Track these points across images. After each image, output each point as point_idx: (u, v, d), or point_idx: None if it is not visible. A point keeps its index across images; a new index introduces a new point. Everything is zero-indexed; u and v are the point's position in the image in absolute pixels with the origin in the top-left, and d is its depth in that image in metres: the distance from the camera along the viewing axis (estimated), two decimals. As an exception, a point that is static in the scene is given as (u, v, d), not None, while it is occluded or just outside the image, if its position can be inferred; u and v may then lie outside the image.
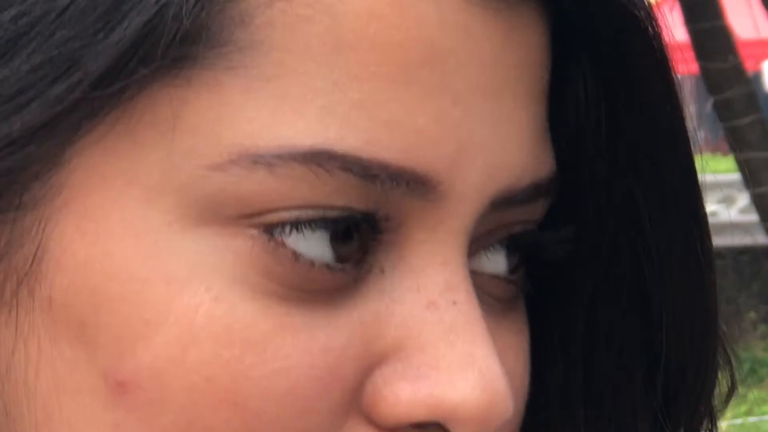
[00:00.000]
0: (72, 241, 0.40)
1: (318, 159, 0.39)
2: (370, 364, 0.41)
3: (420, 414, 0.40)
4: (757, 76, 11.36)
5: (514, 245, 0.45)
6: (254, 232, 0.40)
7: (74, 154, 0.40)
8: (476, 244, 0.43)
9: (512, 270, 0.45)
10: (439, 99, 0.40)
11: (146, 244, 0.40)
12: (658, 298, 0.48)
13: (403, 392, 0.40)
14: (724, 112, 5.24)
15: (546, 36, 0.44)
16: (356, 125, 0.39)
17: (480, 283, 0.44)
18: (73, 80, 0.38)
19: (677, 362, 0.48)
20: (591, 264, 0.48)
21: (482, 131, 0.41)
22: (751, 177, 5.52)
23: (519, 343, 0.45)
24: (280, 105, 0.39)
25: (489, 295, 0.44)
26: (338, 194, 0.39)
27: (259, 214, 0.39)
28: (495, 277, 0.45)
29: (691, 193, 0.47)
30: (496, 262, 0.45)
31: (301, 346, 0.40)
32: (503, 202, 0.42)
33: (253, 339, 0.39)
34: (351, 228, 0.41)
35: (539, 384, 0.48)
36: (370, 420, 0.41)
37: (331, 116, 0.39)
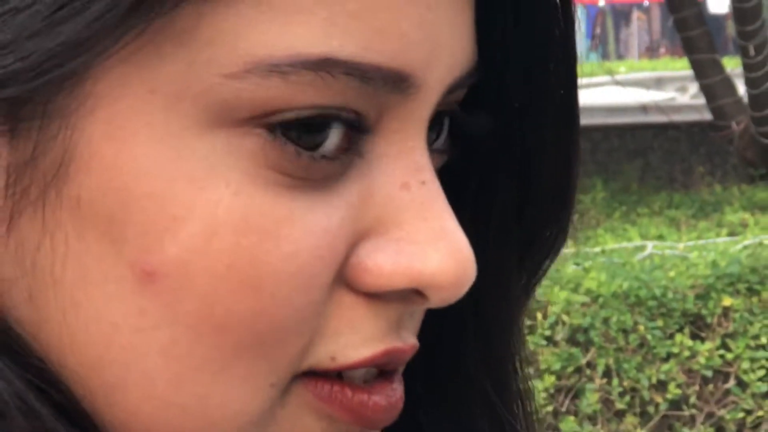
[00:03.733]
0: (99, 146, 0.42)
1: (326, 66, 0.42)
2: (356, 240, 0.45)
3: (400, 282, 0.45)
4: (704, 2, 13.09)
5: (440, 122, 0.50)
6: (262, 131, 0.43)
7: (100, 68, 0.42)
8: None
9: (443, 144, 0.51)
10: (418, 6, 0.45)
11: (169, 146, 0.43)
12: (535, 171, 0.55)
13: (385, 264, 0.45)
14: (681, 26, 7.59)
15: None
16: (354, 34, 0.43)
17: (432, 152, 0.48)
18: (110, 2, 0.41)
19: (539, 216, 0.56)
20: (488, 144, 0.55)
21: (447, 32, 0.46)
22: (699, 72, 7.78)
23: None
24: (289, 18, 0.42)
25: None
26: (339, 96, 0.43)
27: (268, 115, 0.43)
28: (434, 151, 0.49)
29: (570, 92, 0.53)
30: (434, 136, 0.50)
31: (306, 229, 0.43)
32: (450, 90, 0.48)
33: (267, 227, 0.43)
34: (344, 124, 0.44)
35: None
36: (353, 289, 0.46)
37: (333, 27, 0.43)
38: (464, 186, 0.56)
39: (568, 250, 5.23)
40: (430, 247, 0.45)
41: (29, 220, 0.44)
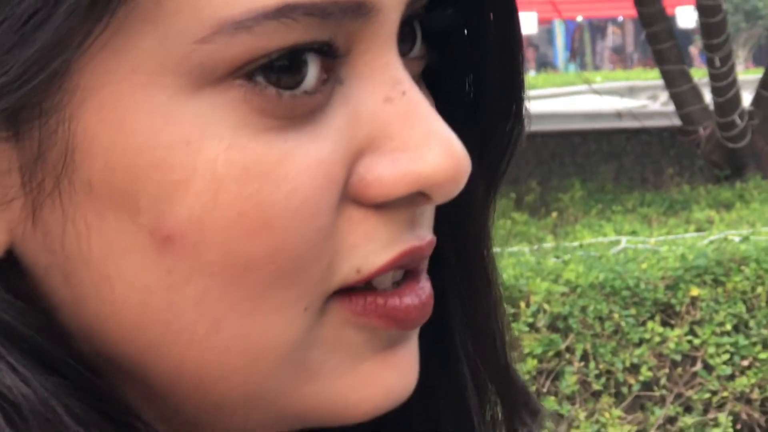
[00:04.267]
0: (97, 131, 0.44)
1: (285, 12, 0.43)
2: (353, 159, 0.46)
3: (403, 189, 0.46)
4: (674, 17, 14.49)
5: (412, 29, 0.51)
6: (241, 82, 0.44)
7: (80, 61, 0.43)
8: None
9: (409, 51, 0.51)
10: None
11: (160, 117, 0.44)
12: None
13: (384, 174, 0.46)
14: (652, 40, 8.02)
15: None
16: None
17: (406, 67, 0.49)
18: (72, 3, 0.42)
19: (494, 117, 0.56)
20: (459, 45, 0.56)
21: None
22: (669, 82, 8.21)
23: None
24: None
25: (412, 76, 0.49)
26: (304, 34, 0.44)
27: (243, 67, 0.44)
28: (412, 59, 0.51)
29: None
30: (408, 46, 0.51)
31: (301, 165, 0.45)
32: (412, 2, 0.48)
33: (265, 171, 0.44)
34: (318, 55, 0.45)
35: None
36: (361, 204, 0.47)
37: None
38: (442, 85, 0.56)
39: (548, 244, 5.25)
40: (422, 149, 0.46)
41: (50, 211, 0.45)
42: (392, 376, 0.50)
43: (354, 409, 0.50)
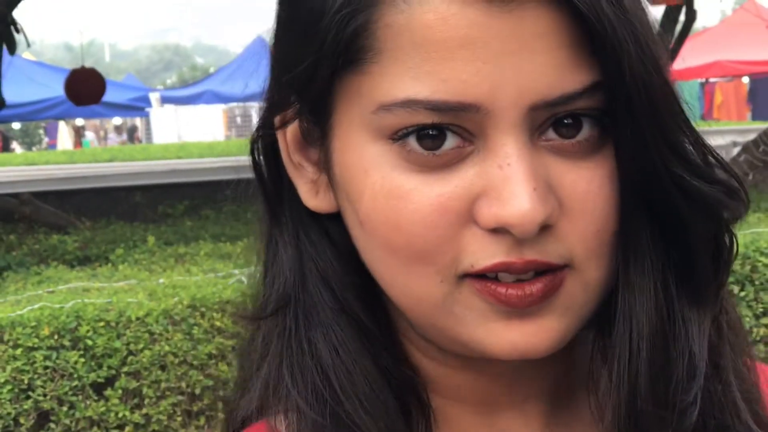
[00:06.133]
0: (335, 148, 0.75)
1: (409, 104, 0.69)
2: (473, 198, 0.70)
3: (492, 224, 0.69)
4: None
5: (566, 122, 0.70)
6: (400, 141, 0.71)
7: (334, 113, 0.74)
8: (544, 126, 0.70)
9: (573, 136, 0.70)
10: (475, 62, 0.68)
11: (357, 151, 0.73)
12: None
13: (485, 212, 0.69)
14: None
15: (553, 13, 0.68)
16: (427, 84, 0.68)
17: (555, 146, 0.70)
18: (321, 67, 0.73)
19: None
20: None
21: (507, 74, 0.68)
22: None
23: (590, 172, 0.70)
24: (394, 80, 0.69)
25: (563, 151, 0.70)
26: (426, 118, 0.69)
27: (399, 131, 0.70)
28: (563, 141, 0.70)
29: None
30: (562, 133, 0.71)
31: (423, 195, 0.70)
32: (542, 106, 0.69)
33: (400, 194, 0.71)
34: (454, 134, 0.70)
35: None
36: (479, 226, 0.70)
37: (415, 80, 0.69)
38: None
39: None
40: (506, 203, 0.68)
41: (325, 192, 0.78)
42: (514, 335, 0.72)
43: (490, 350, 0.73)
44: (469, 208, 0.70)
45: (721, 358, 0.76)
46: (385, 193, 0.71)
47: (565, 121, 0.70)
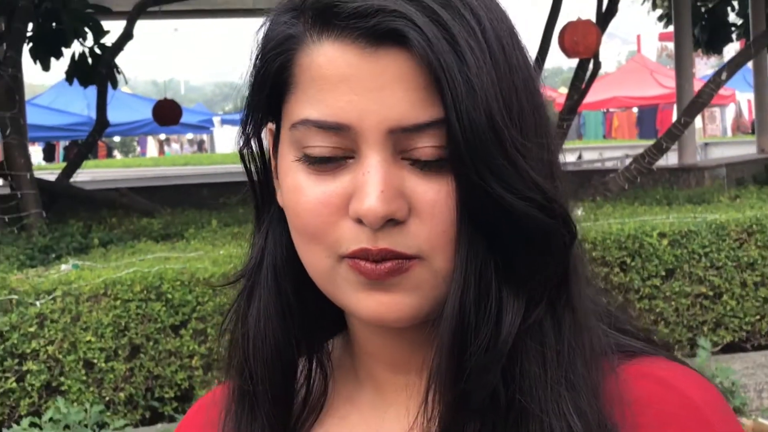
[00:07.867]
0: (280, 157, 0.72)
1: (305, 122, 0.68)
2: (348, 196, 0.67)
3: (354, 216, 0.67)
4: None
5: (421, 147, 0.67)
6: (300, 152, 0.69)
7: (281, 129, 0.71)
8: (405, 147, 0.67)
9: (425, 159, 0.67)
10: (349, 95, 0.66)
11: (286, 159, 0.70)
12: None
13: (352, 208, 0.67)
14: None
15: (411, 61, 0.65)
16: (317, 109, 0.67)
17: (413, 161, 0.67)
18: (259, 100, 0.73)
19: None
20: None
21: (372, 105, 0.66)
22: None
23: (438, 185, 0.66)
24: (300, 105, 0.68)
25: (418, 166, 0.67)
26: (317, 136, 0.67)
27: (301, 146, 0.68)
28: (418, 160, 0.67)
29: None
30: (418, 154, 0.67)
31: (316, 191, 0.68)
32: (399, 131, 0.66)
33: (298, 189, 0.69)
34: (332, 148, 0.67)
35: None
36: (351, 218, 0.67)
37: (310, 105, 0.68)
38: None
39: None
40: (361, 200, 0.66)
41: (277, 208, 0.75)
42: (372, 303, 0.68)
43: (359, 314, 0.69)
44: (345, 203, 0.67)
45: (544, 347, 0.67)
46: (293, 188, 0.69)
47: (419, 147, 0.66)
